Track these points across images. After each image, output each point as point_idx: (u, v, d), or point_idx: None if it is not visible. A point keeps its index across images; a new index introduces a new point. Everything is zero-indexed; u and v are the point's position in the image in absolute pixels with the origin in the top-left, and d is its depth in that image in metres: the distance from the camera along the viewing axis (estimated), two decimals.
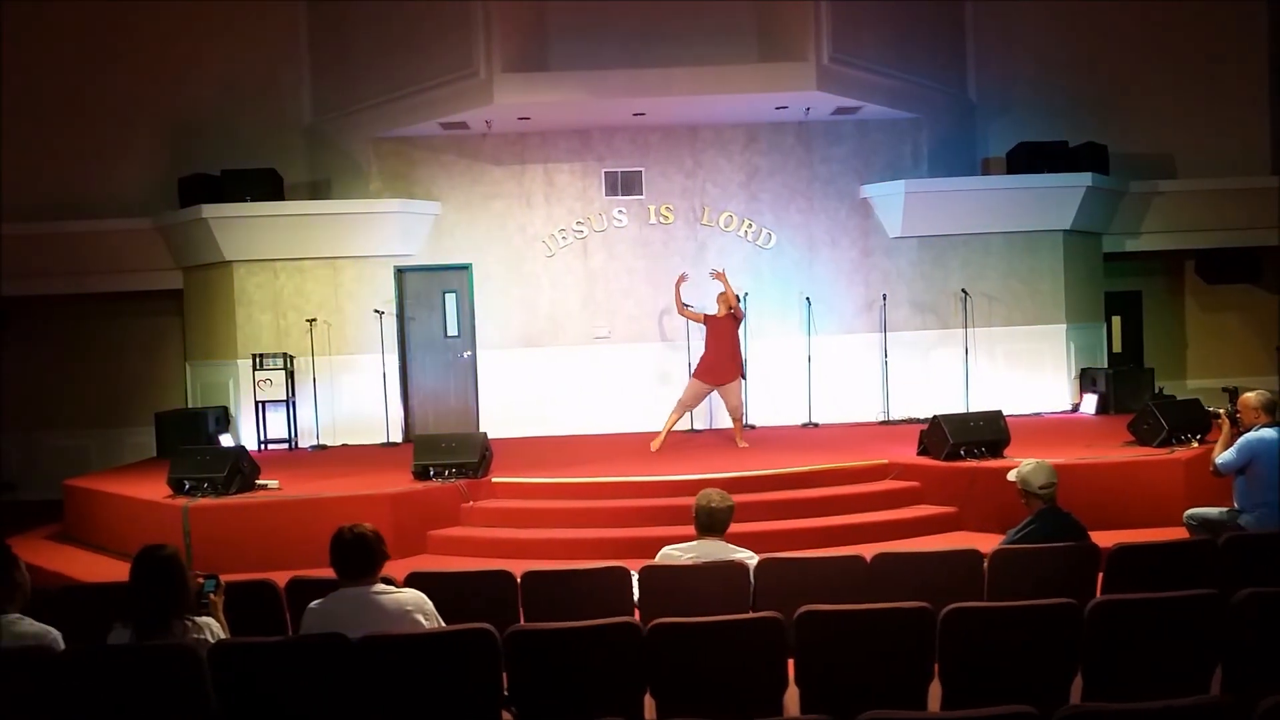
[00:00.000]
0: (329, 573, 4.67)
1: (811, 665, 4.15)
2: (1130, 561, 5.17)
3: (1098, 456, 9.13)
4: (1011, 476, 5.64)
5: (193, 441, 11.60)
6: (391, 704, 4.08)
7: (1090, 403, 12.45)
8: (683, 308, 11.01)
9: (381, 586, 4.37)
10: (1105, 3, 13.41)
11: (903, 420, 12.25)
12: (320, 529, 8.38)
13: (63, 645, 4.21)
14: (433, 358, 12.63)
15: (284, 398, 12.06)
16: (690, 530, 8.11)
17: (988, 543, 5.92)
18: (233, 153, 12.68)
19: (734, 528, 8.38)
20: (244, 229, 12.02)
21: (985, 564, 5.15)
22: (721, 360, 10.63)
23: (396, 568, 5.35)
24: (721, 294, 10.69)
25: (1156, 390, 12.61)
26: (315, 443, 12.14)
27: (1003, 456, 9.16)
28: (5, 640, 4.12)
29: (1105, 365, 13.18)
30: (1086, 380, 12.71)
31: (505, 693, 4.17)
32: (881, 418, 12.41)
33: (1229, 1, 13.36)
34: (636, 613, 5.05)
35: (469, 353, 12.57)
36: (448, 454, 9.21)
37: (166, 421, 12.04)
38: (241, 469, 8.88)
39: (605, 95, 11.08)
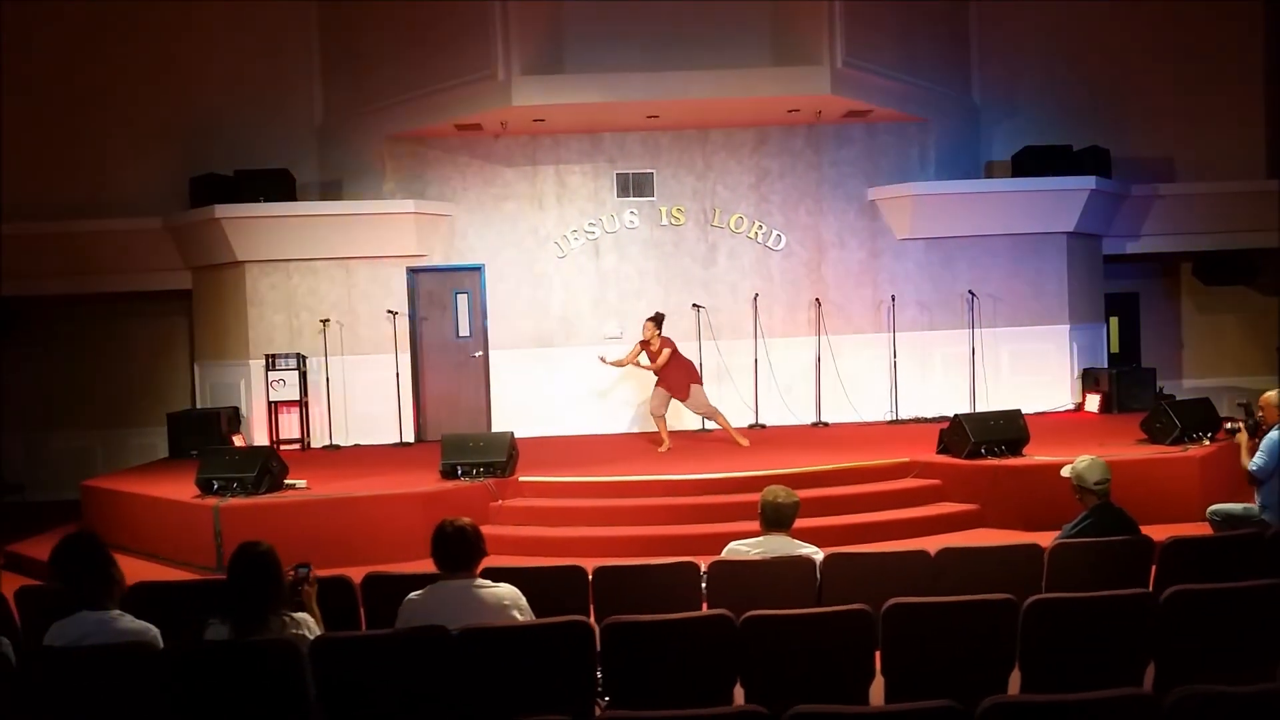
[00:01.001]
0: (395, 568, 4.77)
1: (898, 656, 4.27)
2: (1183, 554, 5.31)
3: (1114, 454, 9.25)
4: (1066, 472, 5.77)
5: (205, 442, 11.61)
6: (489, 695, 4.16)
7: (1094, 402, 12.65)
8: (636, 362, 11.09)
9: (481, 580, 4.45)
10: (1105, 8, 13.61)
11: (911, 420, 12.42)
12: (354, 528, 8.58)
13: (161, 642, 4.26)
14: (445, 358, 12.68)
15: (297, 398, 12.06)
16: (724, 527, 8.35)
17: (1011, 540, 6.04)
18: (242, 153, 12.69)
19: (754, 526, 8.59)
20: (257, 229, 12.02)
21: (1045, 557, 5.27)
22: (674, 376, 10.86)
23: (430, 567, 5.43)
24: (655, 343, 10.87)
25: (1157, 390, 12.84)
26: (328, 443, 12.14)
27: (1022, 455, 9.33)
28: (107, 636, 4.17)
29: (1105, 365, 13.39)
30: (1089, 380, 12.91)
31: (599, 683, 4.26)
32: (890, 417, 12.56)
33: (1227, 6, 13.58)
34: (704, 606, 5.15)
35: (479, 352, 12.62)
36: (476, 453, 9.28)
37: (178, 422, 12.04)
38: (271, 469, 8.91)
39: (623, 98, 11.17)
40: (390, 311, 12.26)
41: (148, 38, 12.96)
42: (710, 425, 12.10)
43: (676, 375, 10.81)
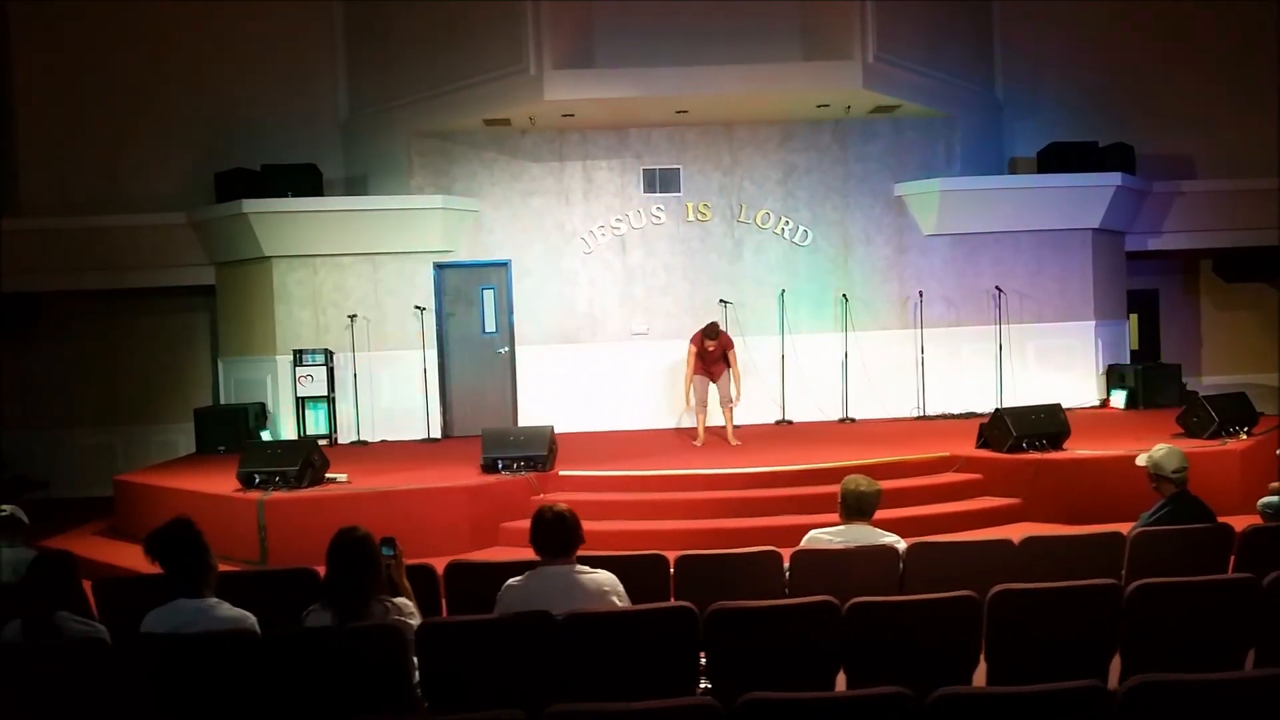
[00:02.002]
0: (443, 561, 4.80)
1: (1002, 641, 4.26)
2: (1261, 543, 5.31)
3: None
4: (1142, 461, 5.76)
5: (231, 438, 11.61)
6: (593, 679, 4.14)
7: (1119, 398, 12.67)
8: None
9: (580, 566, 4.43)
10: (1126, 6, 13.65)
11: (938, 416, 12.42)
12: (398, 521, 8.50)
13: (258, 629, 4.23)
14: (471, 354, 12.64)
15: (324, 394, 12.00)
16: (771, 521, 8.36)
17: (1054, 533, 6.03)
18: (265, 149, 12.64)
19: (810, 518, 8.57)
20: (285, 224, 11.98)
21: (1126, 545, 5.26)
22: (710, 362, 10.89)
23: (476, 559, 5.44)
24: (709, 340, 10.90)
25: (1183, 386, 12.89)
26: (355, 438, 12.09)
27: (1062, 449, 9.34)
28: (207, 624, 4.14)
29: (1127, 362, 13.42)
30: (1114, 376, 12.94)
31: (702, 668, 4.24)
32: (917, 413, 12.56)
33: (1248, 4, 13.62)
34: (785, 594, 5.13)
35: (505, 348, 12.59)
36: (516, 447, 9.27)
37: (205, 417, 12.00)
38: (313, 463, 8.87)
39: (654, 93, 11.16)
40: (418, 307, 12.22)
41: (171, 33, 12.94)
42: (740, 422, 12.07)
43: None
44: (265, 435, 11.92)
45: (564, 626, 4.14)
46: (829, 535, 5.28)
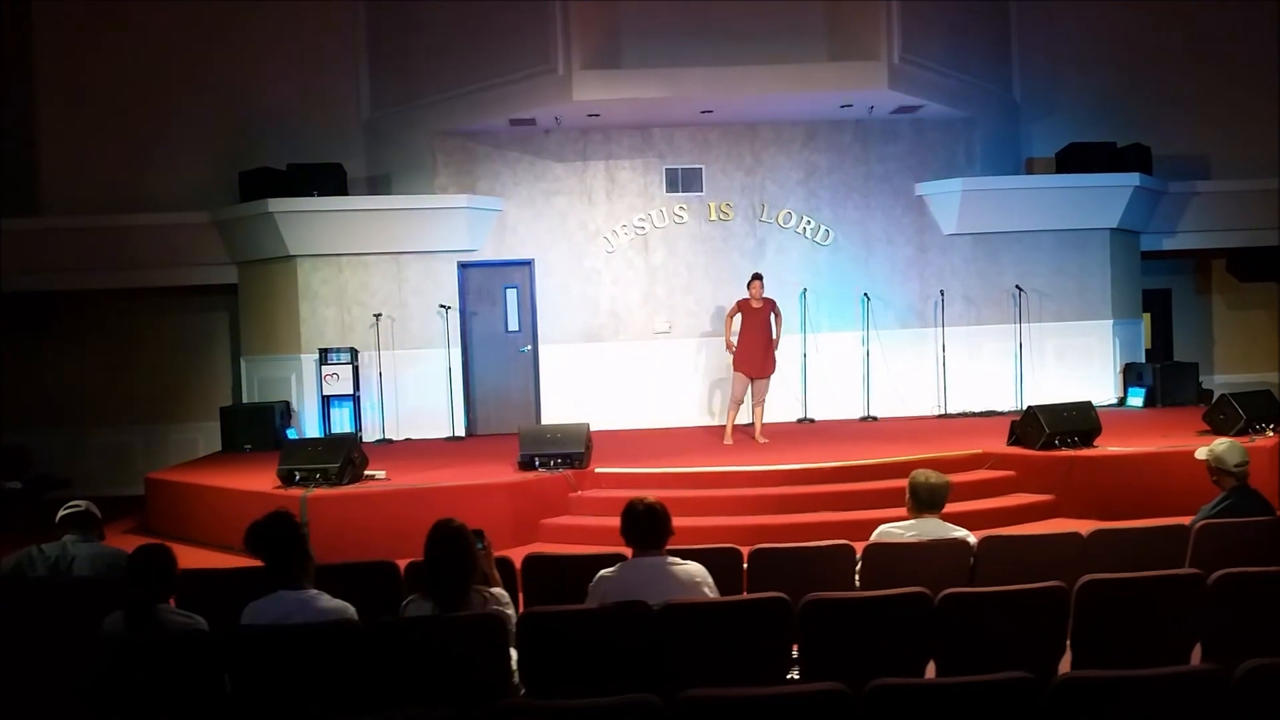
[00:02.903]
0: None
1: (1089, 628, 4.33)
2: None
3: (1181, 445, 9.39)
4: (1202, 454, 5.84)
5: (257, 437, 11.63)
6: (689, 667, 4.19)
7: (1137, 396, 12.79)
8: (728, 323, 11.15)
9: (672, 558, 4.48)
10: (1141, 7, 13.76)
11: (959, 414, 12.51)
12: (439, 517, 8.55)
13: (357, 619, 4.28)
14: (494, 352, 12.68)
15: (350, 392, 12.02)
16: (812, 517, 8.43)
17: (1089, 529, 6.08)
18: (287, 148, 12.64)
19: (845, 515, 8.66)
20: (310, 224, 12.00)
21: (1190, 537, 5.34)
22: (757, 352, 10.85)
23: (516, 555, 5.48)
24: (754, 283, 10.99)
25: (1199, 384, 13.03)
26: (380, 437, 12.11)
27: (1094, 446, 9.43)
28: (310, 615, 4.18)
29: (1143, 360, 13.53)
30: (1131, 375, 13.06)
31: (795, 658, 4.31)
32: (938, 412, 12.65)
33: (1264, 4, 13.73)
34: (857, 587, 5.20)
35: (528, 346, 12.63)
36: (553, 444, 9.32)
37: (231, 416, 12.03)
38: (353, 460, 8.91)
39: (682, 93, 11.22)
40: (443, 306, 12.26)
41: (192, 32, 12.91)
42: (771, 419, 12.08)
43: (770, 349, 10.94)
44: (291, 434, 11.94)
45: (661, 616, 4.19)
46: (900, 529, 5.34)
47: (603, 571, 4.53)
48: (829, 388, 12.63)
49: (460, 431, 12.38)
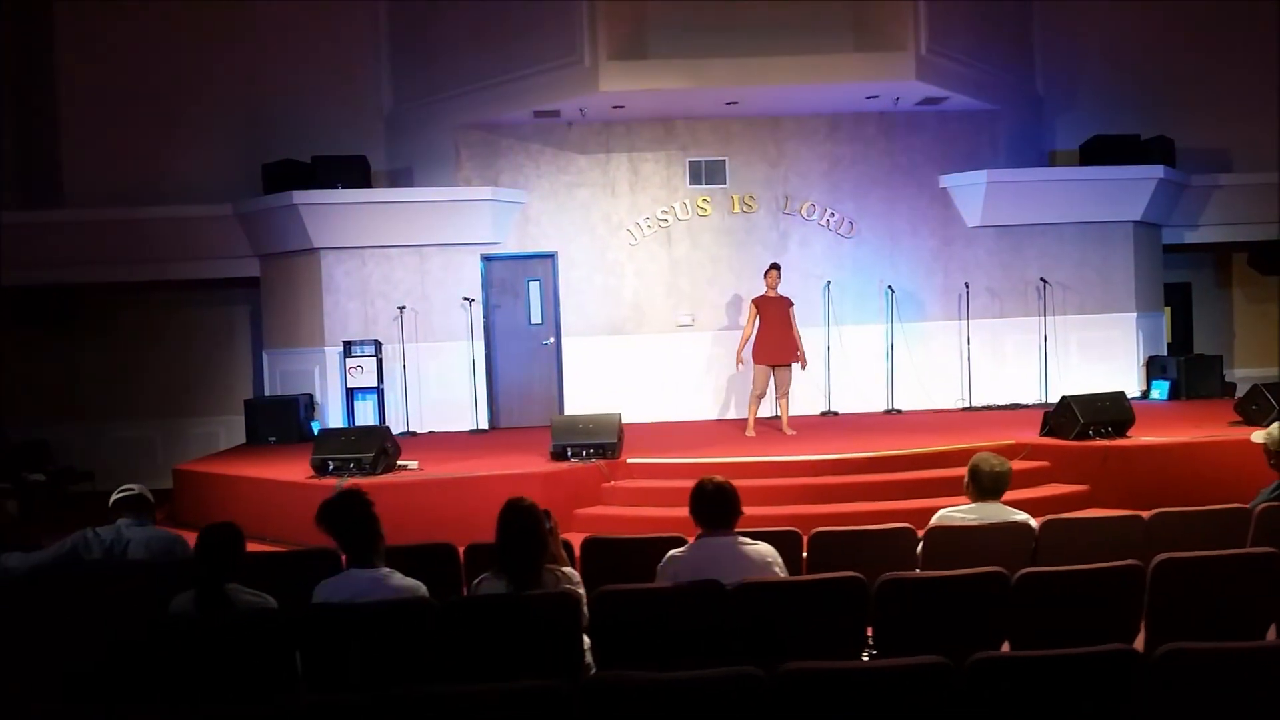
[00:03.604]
0: None
1: (1163, 606, 4.31)
2: None
3: (1217, 435, 9.39)
4: (1258, 438, 5.82)
5: (282, 429, 11.61)
6: (761, 644, 4.16)
7: (1162, 389, 12.77)
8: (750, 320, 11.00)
9: (743, 537, 4.45)
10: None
11: (984, 407, 12.47)
12: (475, 507, 8.54)
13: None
14: (517, 345, 12.64)
15: (374, 384, 11.99)
16: (847, 507, 8.40)
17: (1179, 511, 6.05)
18: (307, 141, 12.60)
19: (878, 505, 8.63)
20: (335, 216, 11.96)
21: (1252, 519, 5.31)
22: (773, 339, 10.75)
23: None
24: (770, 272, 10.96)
25: (1223, 377, 13.00)
26: (404, 429, 12.08)
27: (1127, 436, 9.40)
28: (383, 593, 4.16)
29: (1165, 354, 13.51)
30: (1155, 367, 13.03)
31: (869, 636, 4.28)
32: (962, 404, 12.62)
33: None
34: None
35: (551, 339, 12.60)
36: (586, 434, 9.28)
37: (255, 409, 11.99)
38: (387, 450, 8.88)
39: (708, 84, 11.19)
40: (466, 298, 12.23)
41: (213, 24, 12.87)
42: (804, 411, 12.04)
43: (790, 337, 10.84)
44: (315, 427, 11.90)
45: (735, 595, 4.16)
46: (961, 513, 5.31)
47: (672, 551, 4.50)
48: (853, 380, 12.58)
49: (483, 424, 12.34)
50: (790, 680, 3.13)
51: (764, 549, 4.45)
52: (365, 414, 12.05)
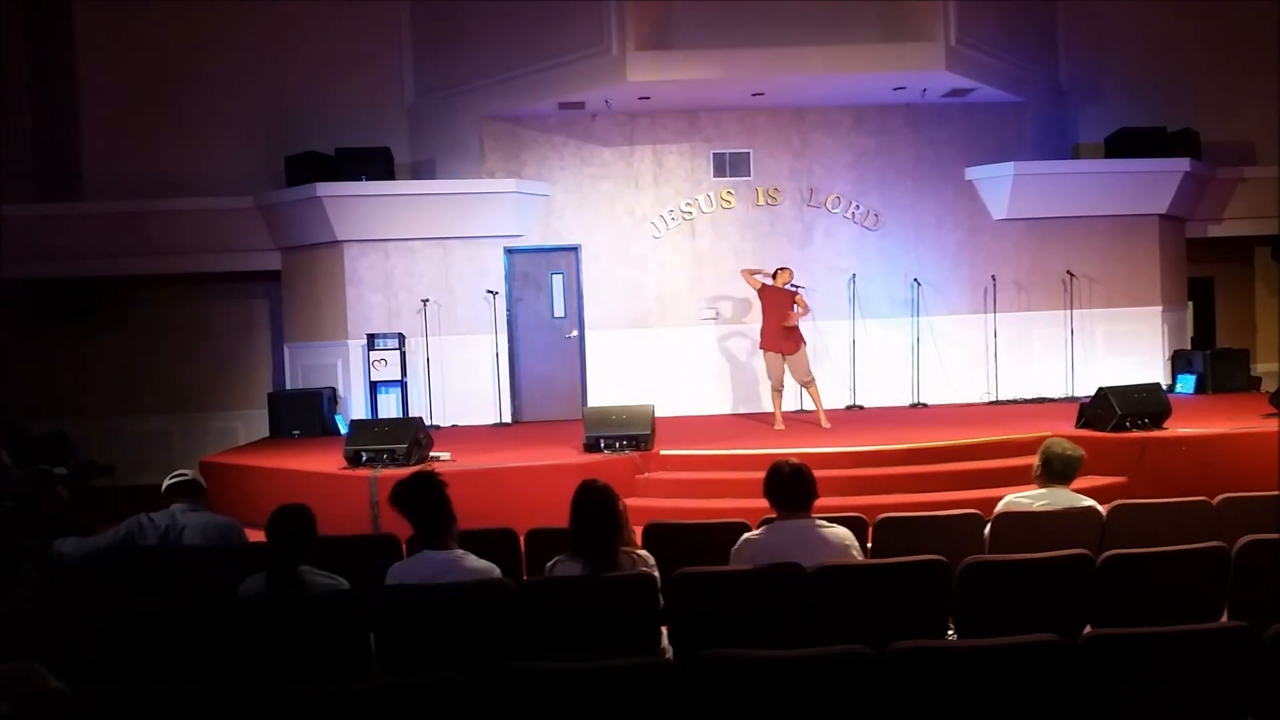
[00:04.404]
0: None
1: (1245, 587, 4.25)
2: None
3: (1254, 428, 9.32)
4: None
5: (305, 422, 11.53)
6: (843, 627, 4.09)
7: (1187, 383, 12.71)
8: (749, 274, 10.91)
9: (820, 520, 4.38)
10: None
11: (1009, 401, 12.41)
12: (510, 497, 8.48)
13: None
14: (540, 338, 12.57)
15: (398, 378, 11.91)
16: (883, 499, 8.32)
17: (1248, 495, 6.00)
18: (330, 133, 12.54)
19: (914, 498, 8.55)
20: (358, 208, 11.89)
21: None
22: (773, 329, 10.66)
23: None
24: (783, 271, 10.83)
25: (1248, 371, 12.95)
26: (428, 423, 11.96)
27: (1163, 428, 9.33)
28: (458, 574, 4.09)
29: (1188, 347, 13.46)
30: (1180, 361, 12.98)
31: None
32: (988, 398, 12.55)
33: None
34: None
35: (574, 332, 12.52)
36: (619, 426, 9.22)
37: (278, 402, 11.93)
38: (420, 440, 8.81)
39: (736, 74, 11.13)
40: (490, 291, 12.16)
41: (234, 15, 12.78)
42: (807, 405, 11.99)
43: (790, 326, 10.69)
44: (339, 420, 11.83)
45: (816, 577, 4.09)
46: (1028, 499, 5.25)
47: (747, 534, 4.44)
48: (878, 374, 12.51)
49: (506, 418, 12.26)
50: (901, 659, 3.06)
51: (842, 532, 4.38)
52: (389, 407, 11.97)
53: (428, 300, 12.09)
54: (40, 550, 4.88)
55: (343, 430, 11.62)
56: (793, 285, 10.75)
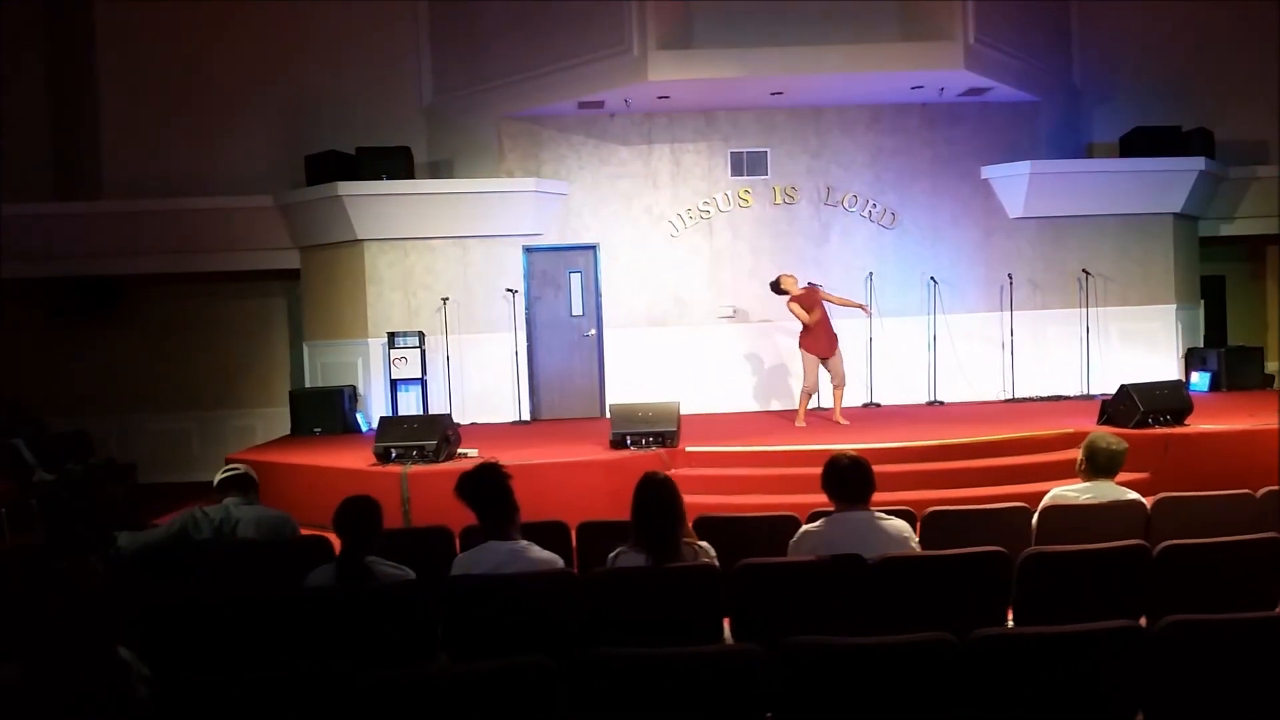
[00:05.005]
0: None
1: None
2: None
3: (1274, 424, 9.37)
4: None
5: (326, 420, 11.56)
6: (901, 617, 4.14)
7: (1202, 380, 12.77)
8: (798, 309, 10.67)
9: (879, 512, 4.43)
10: None
11: (1026, 399, 12.46)
12: (539, 493, 8.51)
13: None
14: (558, 337, 12.61)
15: (418, 376, 11.95)
16: (909, 495, 8.33)
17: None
18: (349, 132, 12.59)
19: (937, 493, 8.59)
20: (378, 207, 11.92)
21: None
22: (827, 332, 10.66)
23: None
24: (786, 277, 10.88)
25: (1263, 369, 13.01)
26: None
27: (1185, 424, 9.39)
28: (524, 565, 4.13)
29: (1200, 345, 13.51)
30: (1194, 359, 13.04)
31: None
32: (1004, 396, 12.60)
33: None
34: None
35: (592, 331, 12.57)
36: (645, 423, 9.26)
37: (300, 400, 11.96)
38: (448, 437, 8.85)
39: (757, 73, 11.17)
40: (509, 290, 12.19)
41: (254, 14, 12.81)
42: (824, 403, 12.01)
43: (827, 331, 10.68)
44: (360, 418, 11.87)
45: (879, 568, 4.14)
46: (1074, 492, 5.30)
47: (806, 526, 4.49)
48: (894, 372, 12.56)
49: (525, 416, 12.30)
50: (983, 645, 3.11)
51: (899, 524, 4.43)
52: (409, 405, 12.01)
53: (447, 299, 12.12)
54: (104, 543, 4.93)
55: (364, 428, 11.72)
56: (808, 285, 10.79)
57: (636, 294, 12.58)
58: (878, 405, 12.44)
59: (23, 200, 12.13)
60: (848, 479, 4.43)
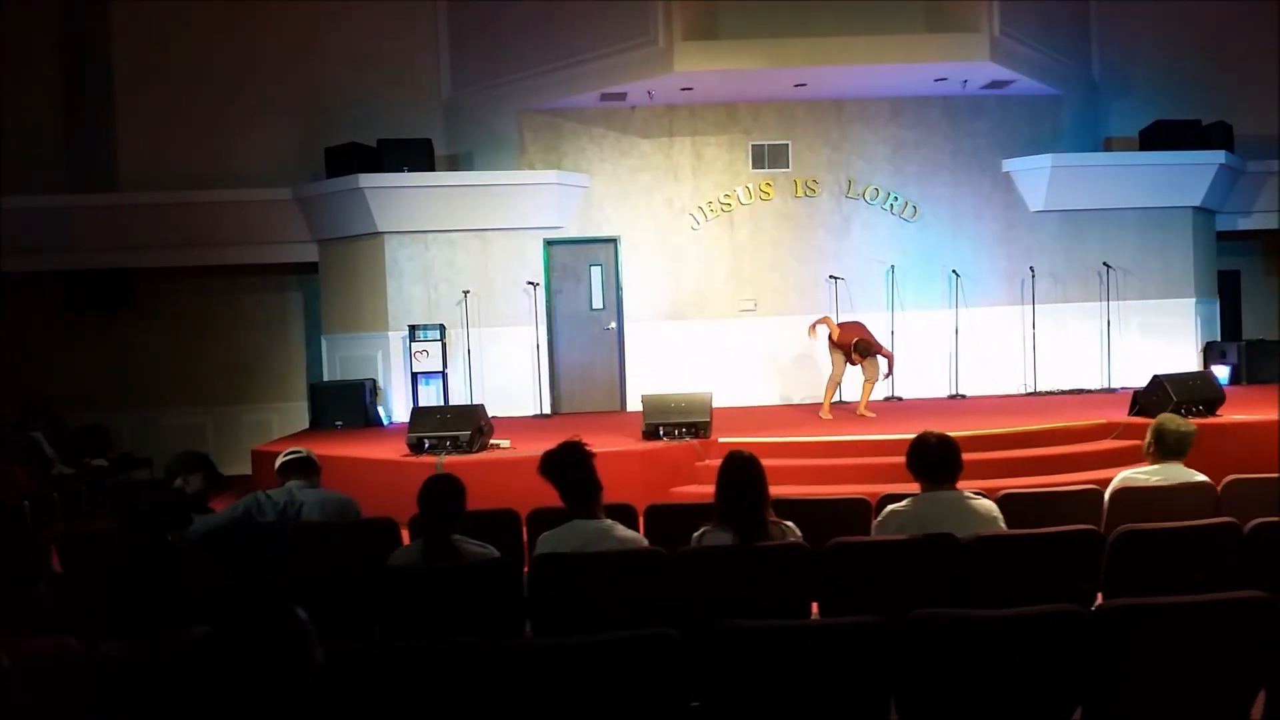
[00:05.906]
0: None
1: None
2: None
3: None
4: None
5: (346, 413, 11.49)
6: (992, 592, 4.10)
7: (1222, 373, 12.76)
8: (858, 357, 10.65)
9: (968, 492, 4.38)
10: None
11: (1048, 392, 12.44)
12: None
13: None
14: (579, 330, 12.56)
15: (439, 369, 11.87)
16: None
17: None
18: (367, 126, 12.48)
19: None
20: (399, 200, 11.85)
21: None
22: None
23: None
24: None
25: None
26: None
27: (1216, 415, 9.37)
28: (610, 544, 4.09)
29: (1219, 339, 13.53)
30: (1214, 352, 13.05)
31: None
32: (1026, 389, 12.59)
33: None
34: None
35: (613, 324, 12.51)
36: (678, 414, 9.23)
37: (320, 393, 11.88)
38: (482, 428, 8.79)
39: (782, 64, 11.13)
40: (530, 283, 12.13)
41: (271, 7, 12.72)
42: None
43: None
44: (380, 411, 11.80)
45: (972, 547, 4.10)
46: (1144, 475, 5.27)
47: (892, 506, 4.45)
48: (915, 365, 12.52)
49: (545, 409, 12.24)
50: (1110, 617, 3.07)
51: (988, 504, 4.40)
52: (429, 398, 11.92)
53: (468, 291, 12.05)
54: (185, 527, 4.92)
55: (385, 422, 11.64)
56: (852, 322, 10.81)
57: (657, 287, 12.53)
58: (900, 399, 12.40)
59: (38, 193, 12.02)
60: (937, 458, 4.39)
